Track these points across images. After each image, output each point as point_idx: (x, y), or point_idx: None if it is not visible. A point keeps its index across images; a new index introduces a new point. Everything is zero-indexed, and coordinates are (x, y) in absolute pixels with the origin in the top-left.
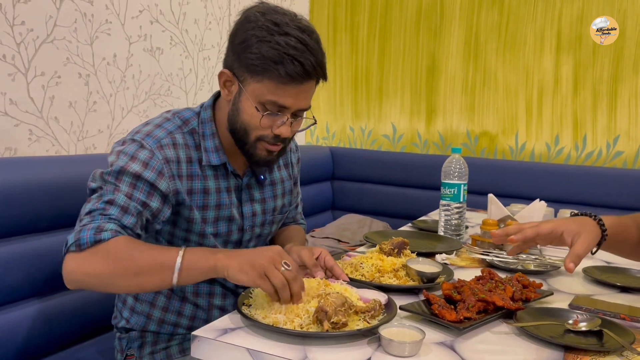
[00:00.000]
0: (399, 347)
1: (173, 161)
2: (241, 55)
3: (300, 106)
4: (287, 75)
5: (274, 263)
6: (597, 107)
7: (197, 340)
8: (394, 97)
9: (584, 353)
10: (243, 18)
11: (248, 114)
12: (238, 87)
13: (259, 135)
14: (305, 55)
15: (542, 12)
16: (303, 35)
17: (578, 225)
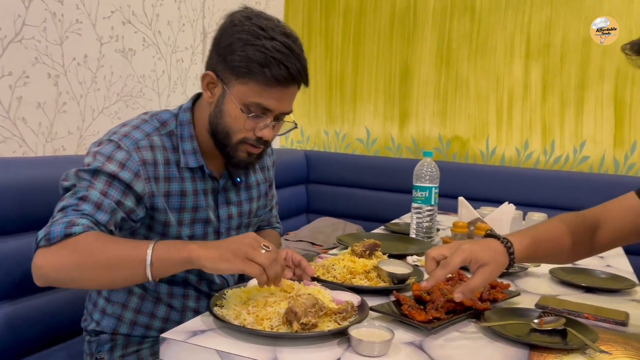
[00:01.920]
0: (369, 347)
1: (150, 163)
2: (227, 58)
3: (283, 109)
4: (272, 78)
5: (253, 247)
6: (565, 113)
7: (166, 343)
8: (368, 101)
9: (549, 351)
10: (228, 22)
11: (231, 116)
12: (222, 90)
13: (242, 137)
14: (291, 60)
15: (512, 20)
16: (288, 40)
17: (487, 256)
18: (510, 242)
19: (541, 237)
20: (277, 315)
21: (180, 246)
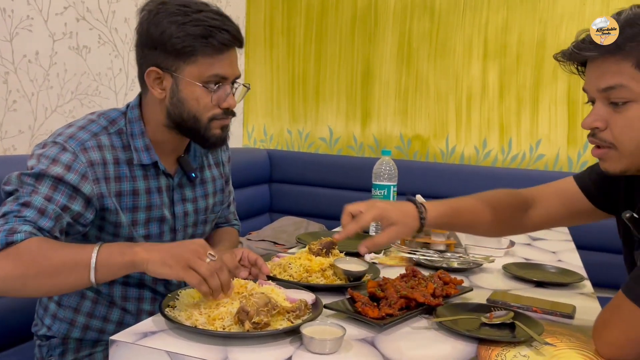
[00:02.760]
0: (320, 345)
1: (98, 164)
2: (165, 46)
3: (236, 74)
4: (219, 45)
5: (198, 255)
6: (521, 112)
7: (115, 345)
8: (331, 100)
9: (496, 344)
10: (147, 13)
11: (194, 99)
12: (172, 80)
13: (210, 115)
14: (228, 24)
15: (470, 21)
16: (212, 7)
17: (397, 216)
18: (425, 207)
19: (461, 207)
20: (229, 315)
21: (125, 249)
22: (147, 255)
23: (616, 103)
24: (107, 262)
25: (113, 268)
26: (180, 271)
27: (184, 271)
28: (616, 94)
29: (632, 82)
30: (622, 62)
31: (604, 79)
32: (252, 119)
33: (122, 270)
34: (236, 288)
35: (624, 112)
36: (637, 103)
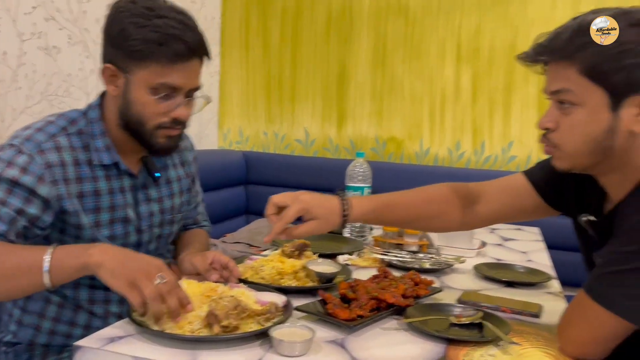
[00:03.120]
0: (289, 347)
1: (56, 165)
2: (122, 45)
3: (191, 85)
4: (173, 55)
5: (148, 274)
6: (494, 114)
7: (80, 351)
8: (306, 102)
9: (465, 344)
10: (114, 10)
11: (140, 104)
12: (124, 79)
13: (157, 123)
14: (188, 34)
15: (444, 24)
16: (180, 16)
17: (320, 212)
18: (349, 204)
19: (393, 203)
20: (198, 318)
21: (80, 252)
22: (101, 259)
23: (563, 105)
24: (62, 265)
25: (67, 271)
26: (125, 287)
27: (128, 288)
28: (563, 97)
29: (577, 87)
30: (570, 68)
31: (554, 82)
32: (228, 120)
33: (76, 273)
34: (206, 291)
35: (569, 115)
36: (581, 107)
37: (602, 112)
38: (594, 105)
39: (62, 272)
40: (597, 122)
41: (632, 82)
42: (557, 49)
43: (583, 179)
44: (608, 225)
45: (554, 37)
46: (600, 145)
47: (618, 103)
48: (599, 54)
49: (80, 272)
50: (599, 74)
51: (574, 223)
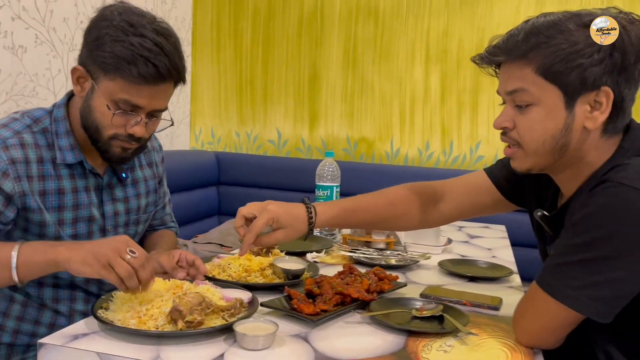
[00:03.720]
0: (253, 341)
1: (20, 162)
2: (94, 53)
3: (155, 107)
4: (139, 76)
5: (118, 252)
6: (462, 115)
7: (44, 348)
8: (279, 103)
9: (425, 336)
10: (99, 15)
11: (99, 112)
12: (91, 84)
13: (112, 133)
14: (160, 58)
15: (413, 26)
16: (159, 38)
17: (287, 221)
18: (315, 212)
19: (357, 207)
20: (162, 314)
21: (47, 248)
22: (69, 254)
23: (520, 105)
24: (29, 261)
25: (35, 267)
26: (101, 270)
27: (104, 269)
28: (519, 97)
29: (533, 86)
30: (525, 68)
31: (509, 83)
32: (200, 121)
33: (44, 269)
34: (172, 288)
35: (526, 114)
36: (538, 106)
37: (558, 110)
38: (550, 103)
39: (30, 269)
40: (554, 120)
41: (584, 81)
42: (511, 49)
43: (541, 175)
44: (560, 219)
45: (508, 39)
46: (558, 143)
47: (572, 101)
48: (553, 54)
49: (49, 268)
50: (554, 73)
51: (531, 218)
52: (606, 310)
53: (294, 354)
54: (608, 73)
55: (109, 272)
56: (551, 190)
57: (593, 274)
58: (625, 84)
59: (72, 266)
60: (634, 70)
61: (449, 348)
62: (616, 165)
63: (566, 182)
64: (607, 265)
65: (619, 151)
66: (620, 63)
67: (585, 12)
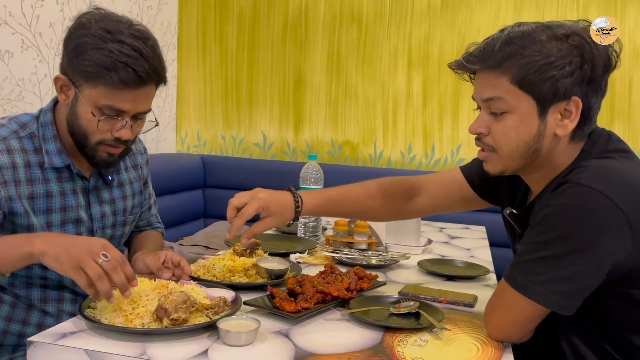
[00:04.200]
0: (235, 337)
1: (7, 167)
2: (74, 61)
3: (138, 109)
4: (120, 82)
5: (91, 255)
6: (443, 119)
7: (33, 346)
8: (264, 107)
9: (400, 331)
10: (77, 24)
11: (85, 119)
12: (74, 92)
13: (99, 139)
14: (139, 62)
15: (395, 32)
16: (137, 42)
17: (276, 209)
18: (301, 199)
19: (341, 197)
20: (148, 313)
21: (24, 241)
22: (44, 247)
23: (495, 113)
24: (5, 254)
25: (12, 259)
26: (70, 270)
27: (73, 271)
28: (495, 104)
29: (508, 95)
30: (501, 77)
31: (485, 91)
32: (185, 124)
33: (20, 263)
34: (157, 288)
35: (502, 121)
36: (512, 114)
37: (531, 118)
38: (524, 111)
39: (7, 261)
40: (528, 127)
41: (556, 91)
42: (487, 58)
43: (514, 176)
44: (527, 217)
45: (484, 47)
46: (530, 149)
47: (545, 110)
48: (527, 65)
49: (25, 260)
50: (528, 83)
51: (503, 216)
52: (568, 303)
53: (275, 349)
54: (578, 84)
55: (78, 274)
56: (522, 189)
57: (554, 269)
58: (593, 94)
59: (45, 260)
60: (601, 80)
61: (423, 343)
62: (577, 167)
63: (536, 182)
64: (567, 260)
65: (581, 154)
66: (589, 75)
67: (557, 23)
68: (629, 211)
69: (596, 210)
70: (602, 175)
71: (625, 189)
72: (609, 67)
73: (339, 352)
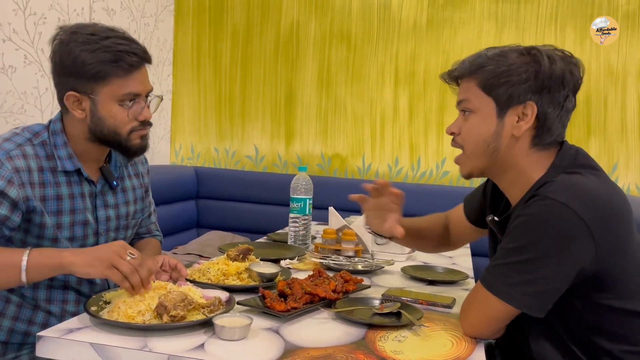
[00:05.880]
0: (229, 332)
1: (23, 170)
2: (80, 72)
3: (148, 89)
4: (130, 67)
5: (119, 254)
6: (428, 133)
7: (42, 340)
8: (256, 121)
9: (382, 329)
10: (57, 44)
11: (112, 116)
12: (90, 101)
13: (129, 128)
14: (133, 46)
15: (383, 50)
16: (119, 33)
17: None
18: None
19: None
20: (149, 310)
21: (54, 253)
22: (74, 258)
23: (464, 111)
24: (38, 264)
25: (43, 269)
26: (105, 270)
27: (108, 270)
28: (464, 104)
29: (473, 97)
30: (471, 82)
31: (460, 94)
32: (180, 137)
33: (51, 272)
34: (157, 288)
35: (468, 120)
36: (476, 114)
37: (491, 118)
38: (485, 112)
39: (38, 271)
40: (487, 125)
41: (513, 96)
42: (463, 68)
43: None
44: (505, 225)
45: (463, 61)
46: (489, 147)
47: (503, 112)
48: (491, 72)
49: (55, 271)
50: (489, 87)
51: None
52: (536, 304)
53: (266, 344)
54: (532, 92)
55: (113, 272)
56: (503, 201)
57: (524, 273)
58: (549, 104)
59: (77, 269)
60: (558, 94)
61: (403, 338)
62: (547, 182)
63: (509, 190)
64: (535, 265)
65: (551, 168)
66: (544, 85)
67: (529, 46)
68: (590, 220)
69: (560, 221)
70: (567, 189)
71: (587, 199)
72: (565, 83)
73: (325, 346)
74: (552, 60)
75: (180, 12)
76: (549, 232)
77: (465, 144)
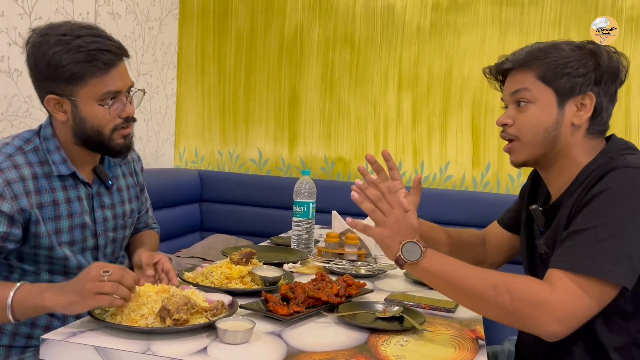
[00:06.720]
0: (232, 336)
1: (16, 182)
2: (56, 75)
3: (128, 84)
4: (105, 65)
5: (95, 278)
6: (432, 137)
7: (45, 343)
8: (260, 124)
9: (385, 333)
10: (32, 47)
11: (94, 116)
12: (70, 103)
13: (112, 126)
14: (106, 42)
15: (386, 54)
16: (92, 30)
17: None
18: None
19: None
20: (152, 313)
21: (37, 296)
22: (57, 300)
23: (519, 102)
24: (22, 306)
25: (29, 311)
26: (90, 302)
27: (93, 300)
28: (521, 94)
29: (532, 87)
30: (527, 74)
31: (514, 85)
32: (184, 140)
33: (36, 313)
34: (160, 291)
35: (525, 112)
36: (534, 104)
37: (551, 107)
38: (545, 102)
39: (25, 312)
40: (548, 115)
41: (575, 87)
42: (517, 60)
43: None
44: (551, 214)
45: (514, 54)
46: (550, 135)
47: (563, 102)
48: (549, 64)
49: (41, 312)
50: (549, 78)
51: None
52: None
53: (268, 348)
54: (592, 83)
55: (99, 299)
56: (545, 193)
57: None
58: (604, 96)
59: (63, 311)
60: (611, 87)
61: (405, 343)
62: (609, 159)
63: (554, 180)
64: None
65: (600, 154)
66: (601, 78)
67: (582, 41)
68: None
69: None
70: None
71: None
72: (618, 77)
73: (327, 350)
74: (610, 55)
75: (185, 16)
76: None
77: (523, 133)
